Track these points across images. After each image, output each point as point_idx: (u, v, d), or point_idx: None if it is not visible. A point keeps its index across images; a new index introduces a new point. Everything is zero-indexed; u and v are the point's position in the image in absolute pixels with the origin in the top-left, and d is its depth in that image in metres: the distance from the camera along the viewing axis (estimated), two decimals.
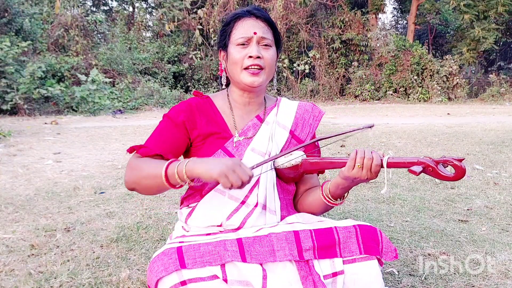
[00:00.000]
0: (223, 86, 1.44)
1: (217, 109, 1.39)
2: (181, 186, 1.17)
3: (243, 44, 1.31)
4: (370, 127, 1.21)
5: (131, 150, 1.30)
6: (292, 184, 1.42)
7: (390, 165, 1.19)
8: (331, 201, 1.33)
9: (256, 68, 1.30)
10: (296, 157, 1.29)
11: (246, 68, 1.31)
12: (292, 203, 1.44)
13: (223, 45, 1.37)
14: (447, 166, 1.15)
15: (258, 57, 1.30)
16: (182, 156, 1.40)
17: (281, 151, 1.37)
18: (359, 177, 1.21)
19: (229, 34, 1.34)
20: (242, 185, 1.10)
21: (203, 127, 1.34)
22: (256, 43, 1.31)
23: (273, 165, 1.34)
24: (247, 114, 1.40)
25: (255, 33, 1.30)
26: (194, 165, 1.13)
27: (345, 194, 1.34)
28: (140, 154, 1.28)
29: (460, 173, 1.13)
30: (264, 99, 1.45)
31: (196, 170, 1.12)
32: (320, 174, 1.49)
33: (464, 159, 1.14)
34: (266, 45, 1.32)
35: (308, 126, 1.44)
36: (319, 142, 1.40)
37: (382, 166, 1.19)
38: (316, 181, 1.47)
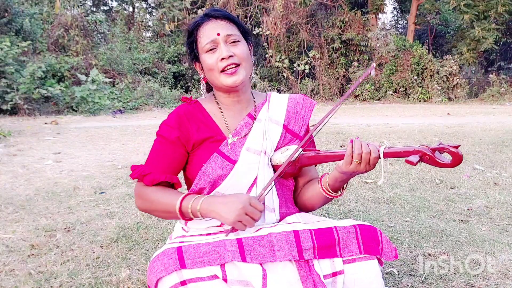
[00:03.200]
0: (205, 94, 1.44)
1: (207, 113, 1.38)
2: None
3: (212, 49, 1.30)
4: (374, 68, 1.24)
5: (134, 175, 1.31)
6: (290, 179, 1.42)
7: (387, 155, 1.19)
8: (331, 194, 1.33)
9: (233, 67, 1.29)
10: (293, 152, 1.28)
11: (223, 71, 1.30)
12: (291, 198, 1.44)
13: (194, 56, 1.37)
14: (443, 153, 1.16)
15: (231, 56, 1.29)
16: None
17: (276, 147, 1.37)
18: (357, 171, 1.21)
19: (196, 44, 1.34)
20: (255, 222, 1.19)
21: (196, 134, 1.33)
22: (224, 42, 1.30)
23: (271, 162, 1.34)
24: (238, 113, 1.39)
25: (218, 34, 1.29)
26: (208, 208, 1.20)
27: (344, 186, 1.34)
28: (147, 183, 1.29)
29: (457, 160, 1.13)
30: (252, 95, 1.44)
31: (210, 214, 1.20)
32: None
33: (459, 145, 1.14)
34: (234, 41, 1.31)
35: (301, 118, 1.43)
36: (316, 127, 1.39)
37: (379, 157, 1.19)
38: (314, 173, 1.46)
